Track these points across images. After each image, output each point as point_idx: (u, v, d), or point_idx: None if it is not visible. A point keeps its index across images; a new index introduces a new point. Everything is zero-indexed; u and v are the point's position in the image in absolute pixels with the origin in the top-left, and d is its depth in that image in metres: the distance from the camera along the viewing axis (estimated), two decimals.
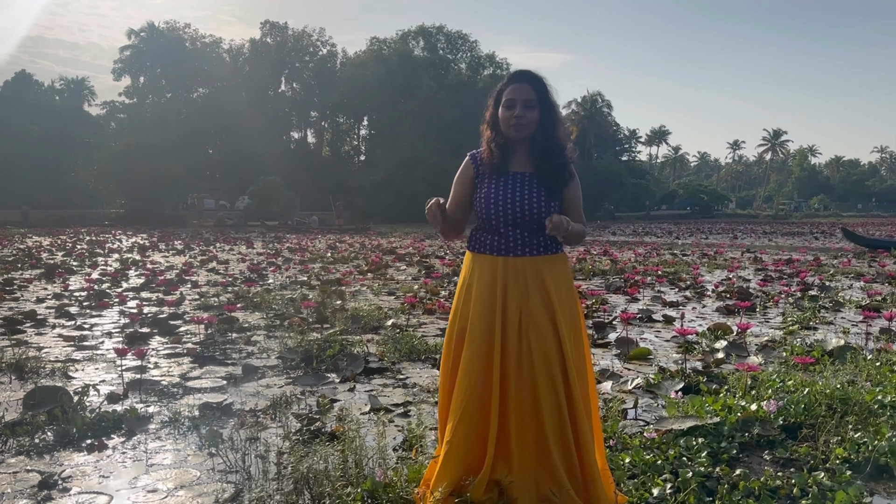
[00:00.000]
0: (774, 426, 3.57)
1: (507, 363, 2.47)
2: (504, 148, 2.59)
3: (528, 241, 2.53)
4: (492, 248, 2.55)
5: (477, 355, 2.48)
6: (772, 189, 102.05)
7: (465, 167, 2.66)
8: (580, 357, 2.58)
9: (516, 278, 2.51)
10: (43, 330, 6.85)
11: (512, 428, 2.44)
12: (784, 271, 12.74)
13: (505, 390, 2.46)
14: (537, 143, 2.56)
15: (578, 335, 2.59)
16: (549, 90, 2.57)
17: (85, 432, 3.69)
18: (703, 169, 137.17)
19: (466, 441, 2.44)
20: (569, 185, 2.61)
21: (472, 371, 2.47)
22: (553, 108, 2.56)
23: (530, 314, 2.48)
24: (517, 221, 2.52)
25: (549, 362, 2.45)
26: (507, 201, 2.53)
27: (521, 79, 2.55)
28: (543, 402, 2.43)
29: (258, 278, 11.50)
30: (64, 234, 28.04)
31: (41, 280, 11.18)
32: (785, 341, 6.10)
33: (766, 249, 19.98)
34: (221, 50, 63.65)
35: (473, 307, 2.52)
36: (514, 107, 2.52)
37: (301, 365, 5.22)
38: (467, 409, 2.44)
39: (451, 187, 2.68)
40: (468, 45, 60.16)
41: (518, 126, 2.52)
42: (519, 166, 2.60)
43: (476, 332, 2.49)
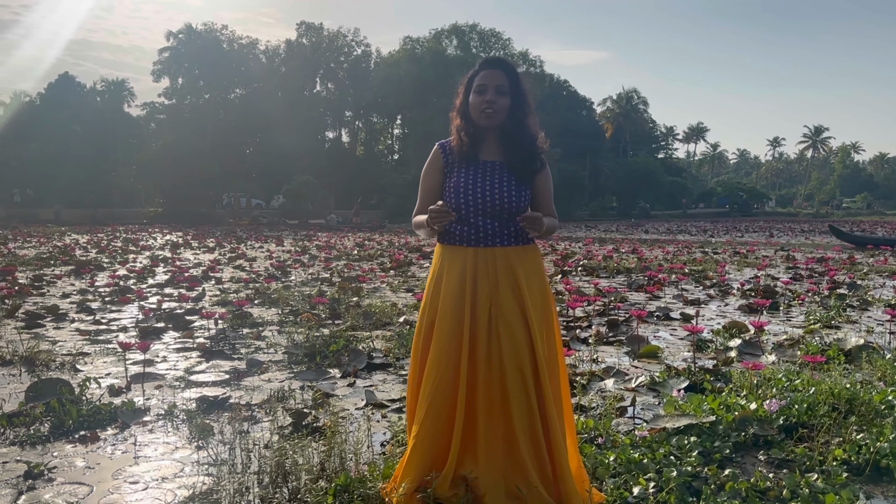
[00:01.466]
0: (773, 426, 3.45)
1: (476, 356, 2.41)
2: (474, 136, 2.53)
3: (498, 231, 2.47)
4: (461, 239, 2.50)
5: (445, 348, 2.43)
6: (813, 187, 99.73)
7: (434, 157, 2.61)
8: (552, 351, 2.52)
9: (486, 269, 2.45)
10: (62, 324, 6.97)
11: (480, 422, 2.39)
12: (815, 269, 12.42)
13: (473, 384, 2.40)
14: (508, 132, 2.50)
15: (550, 329, 2.53)
16: (522, 78, 2.51)
17: (81, 424, 3.73)
18: (742, 166, 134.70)
19: (432, 436, 2.40)
20: (539, 174, 2.55)
21: (439, 364, 2.42)
22: (525, 96, 2.50)
23: (500, 307, 2.42)
24: (487, 211, 2.47)
25: (519, 356, 2.39)
26: (478, 190, 2.47)
27: (493, 65, 2.50)
28: (512, 397, 2.37)
29: (281, 275, 11.58)
30: (101, 232, 28.63)
31: (70, 276, 11.40)
32: (803, 340, 5.92)
33: (801, 248, 19.52)
34: (258, 51, 64.28)
35: (443, 299, 2.47)
36: (485, 92, 2.47)
37: (305, 360, 5.23)
38: (434, 403, 2.40)
39: (420, 181, 2.63)
40: (501, 44, 59.90)
41: (489, 112, 2.46)
42: (489, 155, 2.54)
43: (445, 325, 2.44)
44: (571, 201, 61.56)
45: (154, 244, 20.91)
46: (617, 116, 77.63)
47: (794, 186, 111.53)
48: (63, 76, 60.35)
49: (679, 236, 28.88)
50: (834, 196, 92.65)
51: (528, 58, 59.26)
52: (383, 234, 29.28)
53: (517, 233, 2.49)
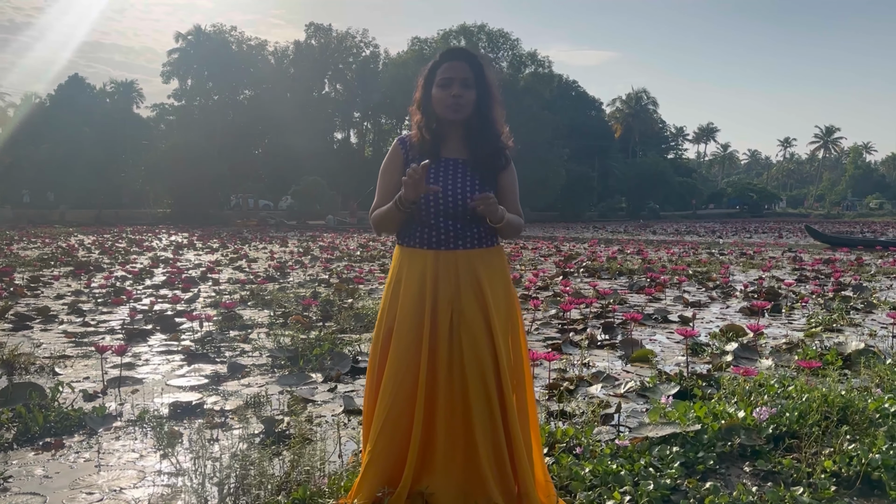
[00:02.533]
0: (761, 435, 3.30)
1: (436, 365, 2.28)
2: (437, 132, 2.39)
3: (460, 232, 2.34)
4: (421, 242, 2.36)
5: (403, 357, 2.29)
6: (824, 187, 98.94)
7: (394, 153, 2.47)
8: (517, 359, 2.38)
9: (448, 273, 2.32)
10: (50, 326, 6.89)
11: (439, 435, 2.26)
12: (821, 271, 12.21)
13: (433, 395, 2.27)
14: (473, 127, 2.37)
15: (516, 336, 2.39)
16: (487, 70, 2.37)
17: (47, 430, 3.62)
18: (753, 167, 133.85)
19: (388, 450, 2.26)
20: (504, 172, 2.41)
21: (397, 374, 2.29)
22: (490, 88, 2.36)
23: (462, 312, 2.29)
24: (449, 212, 2.33)
25: (482, 365, 2.26)
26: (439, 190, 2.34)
27: (457, 56, 2.36)
28: (474, 408, 2.24)
29: (279, 276, 11.48)
30: (108, 233, 28.67)
31: (68, 277, 11.34)
32: (802, 344, 5.76)
33: (809, 249, 19.26)
34: (267, 52, 64.33)
35: (401, 306, 2.34)
36: (450, 86, 2.32)
37: (288, 364, 5.11)
38: (391, 415, 2.26)
39: (378, 177, 2.48)
40: (509, 44, 59.67)
41: (456, 106, 2.32)
42: (452, 152, 2.41)
43: (403, 333, 2.30)
44: (580, 202, 61.35)
45: (158, 245, 20.88)
46: (626, 117, 77.32)
47: (805, 187, 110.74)
48: (73, 78, 60.61)
49: (687, 237, 28.63)
50: (845, 197, 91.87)
51: (536, 58, 59.03)
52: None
53: (480, 235, 2.36)
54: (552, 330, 6.65)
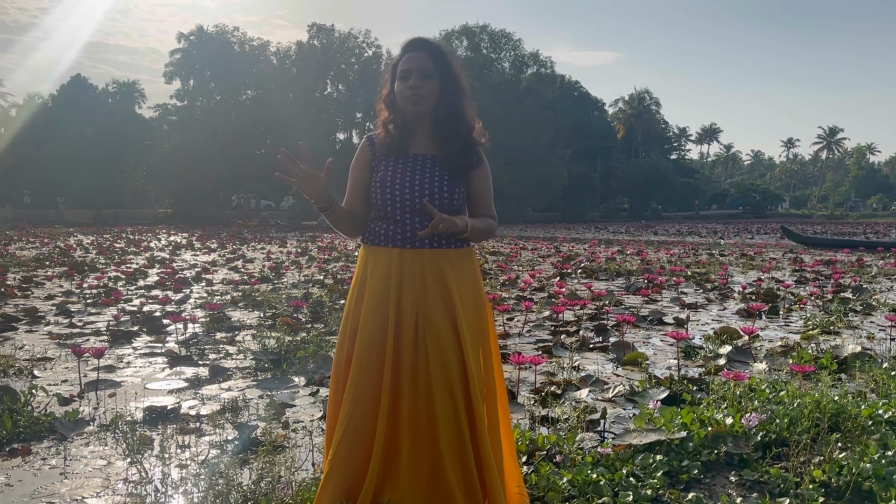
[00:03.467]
0: (749, 443, 3.19)
1: (400, 370, 2.16)
2: (403, 128, 2.29)
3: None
4: (386, 239, 2.26)
5: (366, 361, 2.18)
6: (828, 188, 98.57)
7: (361, 150, 2.37)
8: (488, 367, 2.27)
9: (413, 273, 2.21)
10: (36, 327, 6.79)
11: (404, 445, 2.14)
12: (821, 272, 12.08)
13: (397, 401, 2.16)
14: (440, 121, 2.26)
15: (486, 342, 2.28)
16: (450, 59, 2.26)
17: (16, 435, 3.53)
18: (756, 168, 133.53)
19: (349, 460, 2.14)
20: (476, 170, 2.30)
21: (359, 380, 2.18)
22: (455, 78, 2.25)
23: (428, 315, 2.18)
24: (415, 208, 2.22)
25: (448, 370, 2.15)
26: (406, 185, 2.23)
27: (416, 47, 2.25)
28: (439, 416, 2.13)
29: (274, 277, 11.39)
30: (107, 233, 28.61)
31: (61, 278, 11.26)
32: (798, 347, 5.64)
33: (811, 250, 19.11)
34: (269, 53, 64.27)
35: (365, 306, 2.23)
36: (409, 78, 2.22)
37: (271, 367, 5.01)
38: (351, 423, 2.15)
39: (348, 177, 2.38)
40: (512, 44, 59.43)
41: (415, 98, 2.21)
42: (420, 147, 2.30)
43: (366, 335, 2.20)
44: (582, 203, 61.19)
45: (156, 245, 20.80)
46: (629, 117, 77.15)
47: (808, 188, 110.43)
48: (75, 78, 60.61)
49: (688, 238, 28.48)
50: (849, 197, 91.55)
51: (539, 59, 58.80)
52: None
53: (449, 235, 2.24)
54: (544, 332, 6.54)
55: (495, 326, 2.45)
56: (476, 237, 2.27)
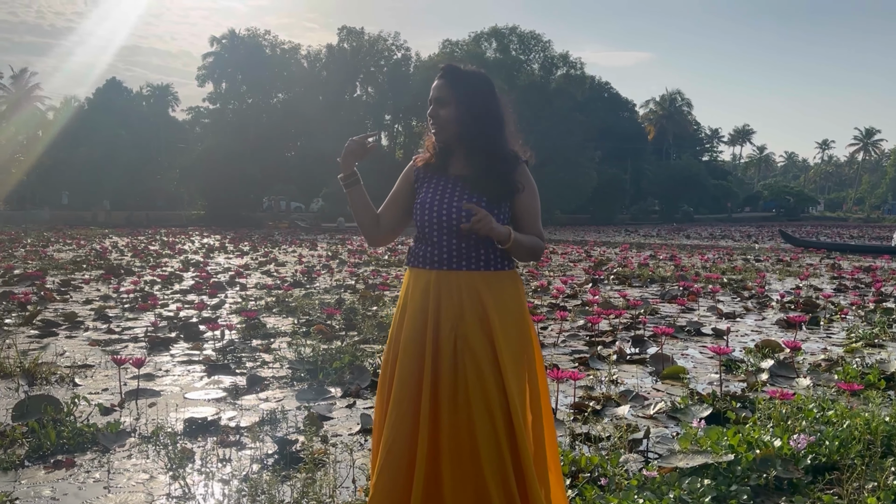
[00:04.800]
0: (799, 466, 3.11)
1: (440, 394, 2.13)
2: (443, 149, 2.28)
3: (465, 253, 2.19)
4: (425, 261, 2.24)
5: (406, 383, 2.15)
6: (864, 191, 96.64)
7: (408, 169, 2.39)
8: (534, 393, 2.22)
9: (450, 296, 2.17)
10: (75, 333, 6.89)
11: (445, 472, 2.10)
12: (861, 280, 11.82)
13: (437, 428, 2.12)
14: (468, 144, 2.23)
15: (532, 369, 2.22)
16: (472, 85, 2.21)
17: (60, 447, 3.56)
18: (790, 169, 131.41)
19: (392, 488, 2.11)
20: (519, 195, 2.26)
21: (400, 404, 2.15)
22: (474, 105, 2.20)
23: (466, 338, 2.14)
24: (452, 229, 2.19)
25: (487, 395, 2.11)
26: (444, 206, 2.20)
27: (438, 74, 2.26)
28: (481, 443, 2.08)
29: (306, 281, 11.44)
30: (142, 235, 29.03)
31: (98, 281, 11.42)
32: (842, 361, 5.50)
33: (849, 255, 18.72)
34: (300, 56, 64.79)
35: (405, 329, 2.21)
36: (430, 106, 2.27)
37: (307, 377, 5.01)
38: (394, 448, 2.12)
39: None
40: (541, 46, 59.20)
41: (434, 127, 2.24)
42: (459, 169, 2.27)
43: (406, 359, 2.17)
44: (612, 205, 60.68)
45: (190, 248, 21.05)
46: (660, 118, 76.41)
47: (843, 190, 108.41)
48: (111, 81, 61.67)
49: (721, 242, 28.11)
50: (886, 200, 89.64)
51: (568, 60, 58.50)
52: None
53: (488, 257, 2.21)
54: (579, 342, 6.47)
55: (542, 352, 2.39)
56: (520, 252, 2.22)
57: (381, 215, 2.37)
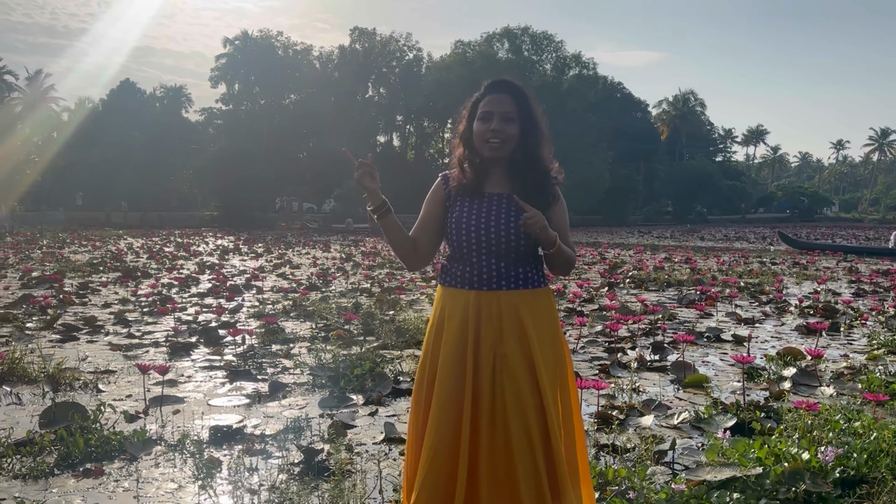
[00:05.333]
0: (828, 479, 3.09)
1: (479, 414, 2.14)
2: (479, 167, 2.27)
3: (503, 272, 2.20)
4: (463, 281, 2.23)
5: (446, 404, 2.16)
6: (879, 191, 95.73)
7: (436, 188, 2.36)
8: (566, 410, 2.22)
9: (490, 316, 2.18)
10: (96, 337, 6.94)
11: (483, 491, 2.11)
12: (880, 284, 11.73)
13: (476, 446, 2.13)
14: (517, 163, 2.23)
15: (564, 385, 2.23)
16: (532, 102, 2.23)
17: (88, 455, 3.59)
18: (804, 170, 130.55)
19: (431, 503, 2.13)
20: (553, 207, 2.26)
21: (440, 423, 2.16)
22: (536, 122, 2.22)
23: (505, 358, 2.15)
24: (492, 249, 2.20)
25: (525, 414, 2.11)
26: (481, 226, 2.20)
27: (499, 89, 2.22)
28: (518, 462, 2.09)
29: (322, 284, 11.48)
30: (156, 236, 29.21)
31: (115, 284, 11.50)
32: (865, 370, 5.47)
33: (865, 259, 18.57)
34: (312, 57, 65.05)
35: (444, 348, 2.21)
36: (490, 120, 2.19)
37: (328, 384, 5.03)
38: (433, 466, 2.13)
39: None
40: (553, 46, 59.16)
41: (495, 143, 2.19)
42: (495, 186, 2.27)
43: (446, 378, 2.18)
44: (624, 206, 60.48)
45: (205, 249, 21.15)
46: (673, 119, 76.10)
47: (858, 191, 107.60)
48: (124, 83, 62.09)
49: (736, 244, 27.97)
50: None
51: (581, 60, 58.41)
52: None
53: (526, 275, 2.21)
54: (598, 349, 6.46)
55: (574, 367, 2.39)
56: (559, 260, 2.21)
57: (416, 237, 2.34)
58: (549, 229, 2.12)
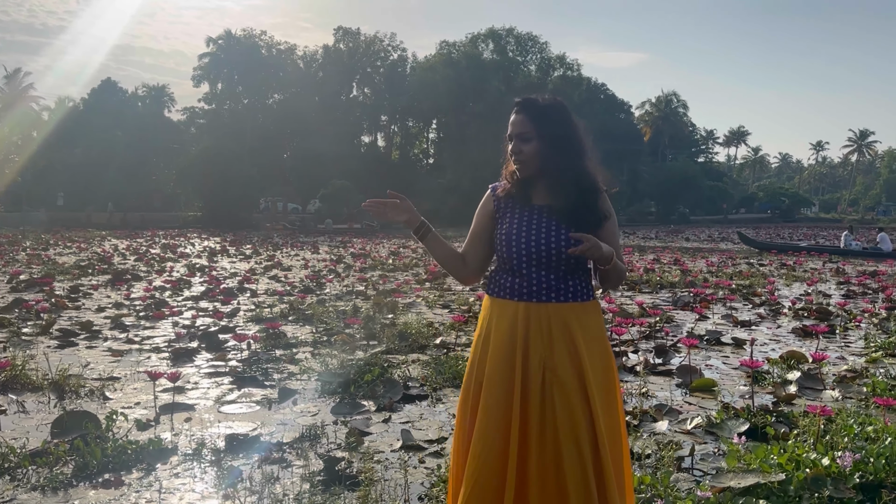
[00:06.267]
0: (848, 485, 3.13)
1: (528, 426, 2.14)
2: (524, 180, 2.29)
3: (553, 285, 2.21)
4: (511, 292, 2.24)
5: (494, 416, 2.16)
6: (858, 192, 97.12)
7: (485, 200, 2.38)
8: (614, 422, 2.23)
9: (539, 328, 2.18)
10: (94, 342, 6.88)
11: (532, 502, 2.12)
12: (869, 286, 11.89)
13: (525, 458, 2.13)
14: (552, 178, 2.24)
15: (613, 398, 2.24)
16: (551, 117, 2.22)
17: (105, 465, 3.55)
18: (784, 171, 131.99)
19: None
20: (604, 224, 2.27)
21: (487, 434, 2.16)
22: (557, 138, 2.21)
23: (555, 370, 2.15)
24: (541, 261, 2.20)
25: (576, 426, 2.12)
26: (531, 238, 2.21)
27: (517, 109, 2.25)
28: (568, 474, 2.10)
29: (316, 287, 11.44)
30: (140, 237, 28.94)
31: (107, 287, 11.39)
32: (866, 372, 5.54)
33: (850, 260, 18.81)
34: (296, 56, 64.83)
35: (491, 359, 2.22)
36: (511, 142, 2.26)
37: (338, 390, 5.02)
38: (479, 479, 2.13)
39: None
40: (538, 47, 59.43)
41: (517, 164, 2.25)
42: (542, 198, 2.28)
43: (493, 389, 2.18)
44: None
45: (192, 251, 21.00)
46: (655, 120, 76.54)
47: (838, 191, 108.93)
48: (105, 82, 61.46)
49: (721, 244, 28.20)
50: (879, 201, 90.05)
51: (565, 61, 58.75)
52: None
53: (575, 288, 2.22)
54: None
55: (619, 379, 2.40)
56: (612, 275, 2.22)
57: (466, 253, 2.37)
58: (602, 248, 2.11)
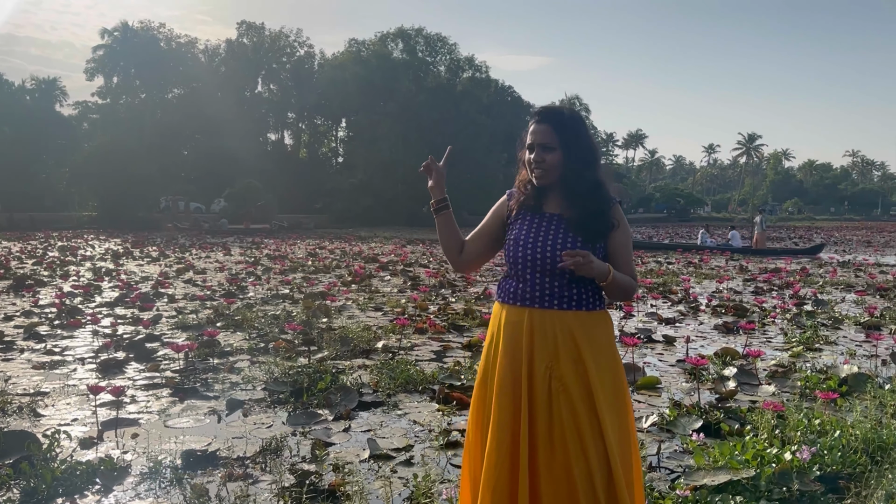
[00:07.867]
0: (810, 477, 3.29)
1: (536, 434, 2.14)
2: (537, 189, 2.30)
3: (557, 292, 2.21)
4: (517, 298, 2.25)
5: (504, 426, 2.16)
6: (746, 192, 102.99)
7: (500, 203, 2.45)
8: (625, 437, 2.24)
9: (544, 334, 2.19)
10: (10, 354, 6.42)
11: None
12: (773, 283, 12.59)
13: (535, 468, 2.13)
14: (569, 187, 2.27)
15: (623, 410, 2.25)
16: (574, 128, 2.25)
17: (55, 489, 3.31)
18: (678, 172, 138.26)
19: None
20: (613, 234, 2.29)
21: (500, 445, 2.15)
22: (579, 148, 2.24)
23: (561, 378, 2.15)
24: (546, 268, 2.21)
25: (582, 435, 2.12)
26: (538, 245, 2.22)
27: (540, 118, 2.27)
28: (579, 484, 2.10)
29: (237, 291, 11.08)
30: (34, 240, 27.25)
31: (9, 294, 10.66)
32: (794, 366, 5.86)
33: (750, 258, 19.88)
34: (197, 50, 62.63)
35: (499, 365, 2.22)
36: (532, 150, 2.27)
37: (290, 399, 4.87)
38: (496, 490, 2.12)
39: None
40: (447, 48, 59.70)
41: (538, 172, 2.27)
42: (554, 207, 2.30)
43: (503, 398, 2.18)
44: None
45: (93, 253, 19.93)
46: None
47: (728, 192, 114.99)
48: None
49: None
50: (766, 202, 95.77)
51: (473, 63, 59.31)
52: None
53: (581, 297, 2.23)
54: None
55: (630, 392, 2.43)
56: (615, 290, 2.23)
57: (467, 243, 2.44)
58: (594, 266, 2.11)
